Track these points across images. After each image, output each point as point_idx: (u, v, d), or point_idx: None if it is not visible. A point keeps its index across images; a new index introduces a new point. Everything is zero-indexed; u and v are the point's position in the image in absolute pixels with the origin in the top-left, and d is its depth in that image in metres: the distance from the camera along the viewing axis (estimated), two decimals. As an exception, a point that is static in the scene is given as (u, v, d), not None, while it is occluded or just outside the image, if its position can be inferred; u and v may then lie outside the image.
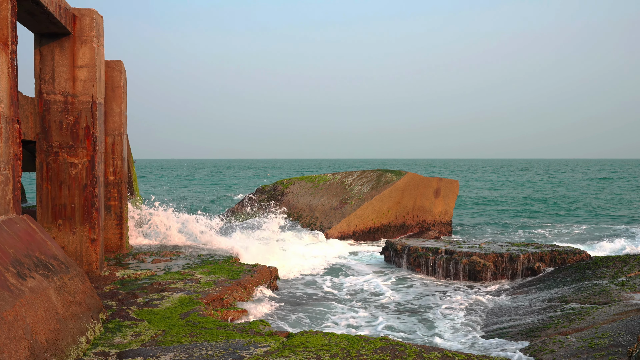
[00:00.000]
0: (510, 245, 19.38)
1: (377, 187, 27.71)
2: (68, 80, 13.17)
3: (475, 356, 8.43)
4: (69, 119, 13.20)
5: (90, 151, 13.32)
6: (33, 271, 8.02)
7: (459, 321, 13.15)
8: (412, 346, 8.77)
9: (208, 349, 8.53)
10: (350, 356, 8.22)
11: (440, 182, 30.49)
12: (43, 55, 13.14)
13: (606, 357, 8.44)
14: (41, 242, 9.05)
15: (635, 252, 21.68)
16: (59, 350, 7.47)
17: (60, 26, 12.46)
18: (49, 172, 13.26)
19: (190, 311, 10.75)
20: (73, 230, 13.32)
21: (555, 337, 10.37)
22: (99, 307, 9.78)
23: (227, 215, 30.15)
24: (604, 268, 16.04)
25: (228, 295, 12.42)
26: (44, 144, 13.24)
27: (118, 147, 16.88)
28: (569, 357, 9.00)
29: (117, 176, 16.91)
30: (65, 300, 8.47)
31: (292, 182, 31.19)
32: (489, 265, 17.53)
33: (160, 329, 9.67)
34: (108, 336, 9.13)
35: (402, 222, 28.50)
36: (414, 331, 12.42)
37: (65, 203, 13.28)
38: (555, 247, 18.67)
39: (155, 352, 8.39)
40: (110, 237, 16.84)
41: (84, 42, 13.19)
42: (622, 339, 9.22)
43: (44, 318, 7.49)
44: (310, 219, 27.06)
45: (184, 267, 14.99)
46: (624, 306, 11.91)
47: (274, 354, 8.30)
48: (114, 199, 16.87)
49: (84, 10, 13.19)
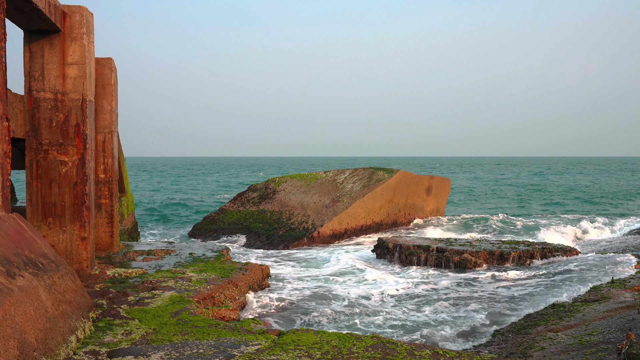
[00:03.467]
0: (501, 243, 19.46)
1: (369, 185, 27.74)
2: (58, 77, 13.09)
3: (466, 354, 8.45)
4: (59, 116, 13.12)
5: (81, 149, 13.24)
6: (22, 270, 7.96)
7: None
8: (403, 344, 8.78)
9: (199, 348, 8.50)
10: (342, 354, 8.22)
11: (432, 180, 30.55)
12: (33, 52, 13.04)
13: (596, 354, 8.48)
14: (31, 241, 8.99)
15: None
16: (48, 350, 7.43)
17: (50, 23, 12.37)
18: (39, 170, 13.18)
19: (181, 309, 10.71)
20: (63, 229, 13.24)
21: (545, 334, 10.41)
22: (90, 305, 9.73)
23: (218, 213, 30.10)
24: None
25: (219, 293, 12.39)
26: (34, 142, 13.14)
27: (109, 145, 16.79)
28: (559, 354, 9.04)
29: (108, 174, 16.83)
30: (55, 299, 8.42)
31: (284, 180, 31.16)
32: (480, 262, 17.60)
33: (151, 327, 9.64)
34: (98, 335, 9.09)
35: (394, 219, 28.55)
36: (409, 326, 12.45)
37: (56, 201, 13.20)
38: (546, 244, 18.77)
39: (145, 350, 8.36)
40: (101, 235, 16.76)
41: (74, 39, 13.10)
42: (612, 336, 9.27)
43: (34, 317, 7.44)
44: (302, 217, 27.06)
45: (175, 265, 14.95)
46: (613, 303, 11.99)
47: (265, 352, 8.29)
48: (104, 197, 16.79)
49: (74, 7, 13.10)
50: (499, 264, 17.68)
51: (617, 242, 24.73)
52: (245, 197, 30.89)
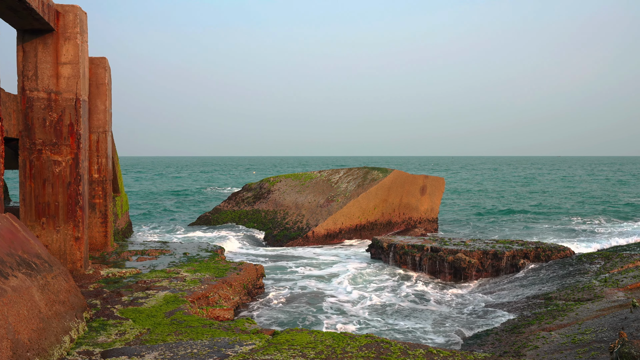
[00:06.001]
0: (495, 242, 19.51)
1: (364, 185, 27.76)
2: (51, 77, 13.04)
3: (459, 353, 8.48)
4: (52, 116, 13.07)
5: (74, 149, 13.20)
6: (15, 270, 7.94)
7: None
8: (397, 343, 8.80)
9: (193, 348, 8.50)
10: (336, 354, 8.24)
11: (426, 180, 30.59)
12: (26, 51, 12.99)
13: (589, 352, 8.52)
14: (24, 241, 8.96)
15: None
16: (42, 350, 7.41)
17: (43, 22, 12.33)
18: (32, 169, 13.13)
19: (175, 309, 10.70)
20: (57, 229, 13.20)
21: (539, 334, 10.45)
22: (83, 306, 9.71)
23: (212, 213, 30.06)
24: (587, 264, 16.20)
25: (214, 293, 12.38)
26: (27, 142, 13.10)
27: (103, 145, 16.75)
28: (553, 352, 9.07)
29: (102, 174, 16.78)
30: (49, 299, 8.39)
31: (279, 179, 31.14)
32: (474, 262, 17.64)
33: (145, 327, 9.62)
34: (92, 335, 9.07)
35: (388, 219, 28.57)
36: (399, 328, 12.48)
37: (49, 201, 13.15)
38: (540, 244, 18.82)
39: (139, 350, 8.35)
40: (95, 235, 16.72)
41: (67, 39, 13.06)
42: (605, 335, 9.31)
43: (27, 317, 7.42)
44: (297, 217, 27.05)
45: (169, 265, 14.93)
46: (606, 302, 12.04)
47: (259, 352, 8.29)
48: (98, 197, 16.75)
49: (68, 7, 13.06)
50: (493, 263, 17.72)
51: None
52: (240, 196, 30.85)
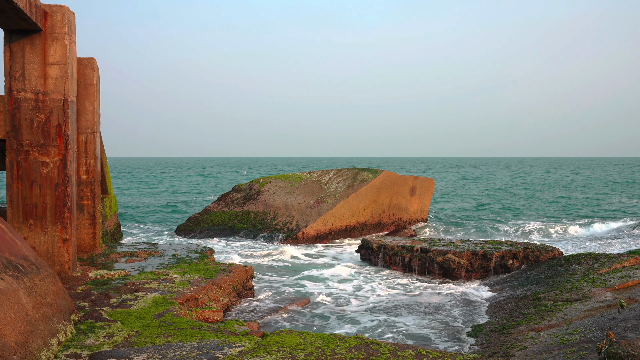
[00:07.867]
0: (484, 243, 19.60)
1: (353, 186, 27.79)
2: (39, 77, 12.95)
3: (448, 354, 8.50)
4: (40, 117, 12.98)
5: (62, 150, 13.11)
6: (2, 272, 7.87)
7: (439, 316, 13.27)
8: (387, 344, 8.81)
9: (182, 350, 8.46)
10: (325, 355, 8.23)
11: (416, 181, 30.68)
12: (13, 52, 12.89)
13: (577, 352, 8.57)
14: (11, 243, 8.88)
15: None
16: (29, 353, 7.35)
17: (30, 22, 12.24)
18: (20, 171, 13.02)
19: (164, 311, 10.65)
20: (45, 230, 13.10)
21: (527, 334, 10.51)
22: (71, 308, 9.63)
23: (202, 214, 29.96)
24: (575, 265, 16.30)
25: (203, 294, 12.34)
26: (14, 143, 12.99)
27: (91, 146, 16.65)
28: (541, 353, 9.12)
29: (90, 175, 16.68)
30: (36, 301, 8.33)
31: (269, 180, 31.11)
32: (464, 262, 17.70)
33: (134, 329, 9.57)
34: (80, 338, 9.00)
35: (378, 220, 28.62)
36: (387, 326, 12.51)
37: (37, 202, 13.05)
38: (528, 244, 18.93)
39: (128, 353, 8.30)
40: (83, 236, 16.61)
41: (55, 39, 12.97)
42: (593, 335, 9.38)
43: (14, 320, 7.36)
44: (287, 218, 27.03)
45: (158, 267, 14.85)
46: (594, 303, 12.13)
47: (248, 354, 8.27)
48: (86, 198, 16.64)
49: (55, 7, 12.97)
50: (482, 264, 17.79)
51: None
52: (230, 197, 30.78)
